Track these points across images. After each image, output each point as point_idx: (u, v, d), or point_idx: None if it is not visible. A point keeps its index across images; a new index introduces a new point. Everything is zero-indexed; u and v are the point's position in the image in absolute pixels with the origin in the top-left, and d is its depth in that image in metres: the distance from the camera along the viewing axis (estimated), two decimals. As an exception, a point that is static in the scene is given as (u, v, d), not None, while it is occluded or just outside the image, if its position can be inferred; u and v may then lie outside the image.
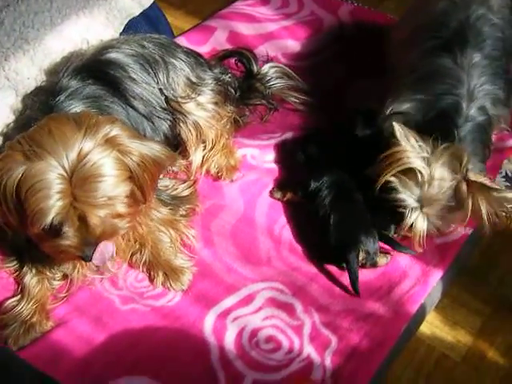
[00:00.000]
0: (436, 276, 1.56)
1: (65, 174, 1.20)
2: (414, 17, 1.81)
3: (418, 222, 1.46)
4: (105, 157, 1.23)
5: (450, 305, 1.61)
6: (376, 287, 1.54)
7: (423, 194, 1.44)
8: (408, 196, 1.45)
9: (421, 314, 1.52)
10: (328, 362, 1.41)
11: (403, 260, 1.59)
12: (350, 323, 1.47)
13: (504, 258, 1.70)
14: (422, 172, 1.43)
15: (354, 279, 1.50)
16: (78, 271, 1.50)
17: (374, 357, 1.42)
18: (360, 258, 1.50)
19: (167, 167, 1.45)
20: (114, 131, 1.26)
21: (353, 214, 1.55)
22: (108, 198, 1.24)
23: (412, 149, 1.43)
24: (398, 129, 1.43)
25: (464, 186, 1.41)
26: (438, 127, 1.48)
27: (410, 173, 1.45)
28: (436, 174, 1.42)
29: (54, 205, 1.20)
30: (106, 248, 1.31)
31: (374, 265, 1.54)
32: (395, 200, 1.46)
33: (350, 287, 1.53)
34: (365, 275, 1.54)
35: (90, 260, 1.31)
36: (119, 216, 1.29)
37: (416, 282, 1.55)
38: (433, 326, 1.58)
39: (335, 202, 1.57)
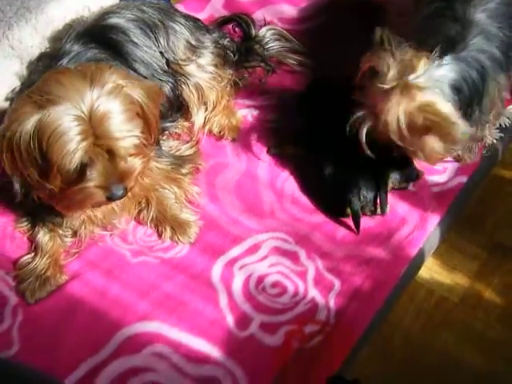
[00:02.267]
0: (433, 221, 1.62)
1: (82, 115, 1.25)
2: None
3: (365, 121, 1.43)
4: (116, 95, 1.29)
5: (447, 250, 1.67)
6: (376, 233, 1.60)
7: (374, 97, 1.42)
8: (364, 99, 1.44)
9: (420, 258, 1.58)
10: (332, 303, 1.47)
11: (401, 207, 1.64)
12: (352, 267, 1.54)
13: (499, 205, 1.76)
14: (379, 74, 1.41)
15: (356, 218, 1.55)
16: (86, 227, 1.56)
17: (375, 297, 1.48)
18: (360, 203, 1.55)
19: (162, 98, 1.51)
20: (116, 73, 1.33)
21: (352, 161, 1.60)
22: (127, 131, 1.29)
23: (384, 52, 1.41)
24: (378, 32, 1.44)
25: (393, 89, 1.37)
26: None
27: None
28: (387, 79, 1.40)
29: (79, 145, 1.24)
30: None
31: (373, 212, 1.60)
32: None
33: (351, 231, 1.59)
34: (365, 222, 1.60)
35: (119, 199, 1.36)
36: (135, 154, 1.35)
37: (414, 227, 1.60)
38: (431, 270, 1.64)
39: (336, 149, 1.62)
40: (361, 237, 1.59)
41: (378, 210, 1.61)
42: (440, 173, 1.71)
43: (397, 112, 1.38)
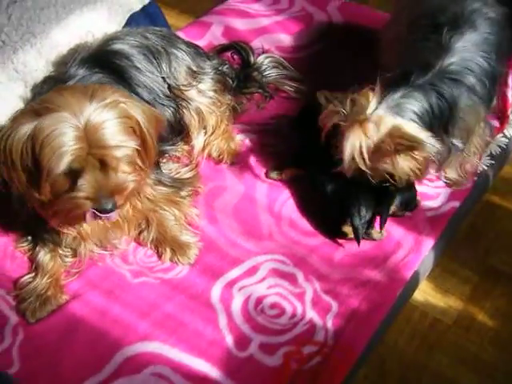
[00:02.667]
0: (428, 245, 1.66)
1: (78, 124, 1.27)
2: (409, 11, 1.85)
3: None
4: (112, 107, 1.32)
5: (440, 274, 1.72)
6: (372, 256, 1.63)
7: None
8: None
9: (415, 280, 1.62)
10: (329, 324, 1.49)
11: (396, 232, 1.68)
12: (349, 289, 1.56)
13: (490, 230, 1.81)
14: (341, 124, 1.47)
15: (356, 232, 1.58)
16: (84, 246, 1.57)
17: (372, 318, 1.51)
18: (362, 214, 1.58)
19: (162, 125, 1.52)
20: (118, 92, 1.37)
21: (353, 181, 1.63)
22: (120, 141, 1.31)
23: (333, 107, 1.48)
24: (322, 96, 1.51)
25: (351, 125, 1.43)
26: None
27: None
28: (348, 120, 1.46)
29: (70, 149, 1.25)
30: None
31: (368, 235, 1.63)
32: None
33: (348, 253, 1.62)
34: (361, 246, 1.63)
35: (107, 213, 1.35)
36: (128, 171, 1.37)
37: (410, 251, 1.64)
38: (425, 293, 1.69)
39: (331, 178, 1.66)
40: (357, 259, 1.63)
41: (374, 235, 1.64)
42: (433, 198, 1.75)
43: (358, 143, 1.43)
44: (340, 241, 1.65)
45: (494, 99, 1.73)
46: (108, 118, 1.31)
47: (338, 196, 1.63)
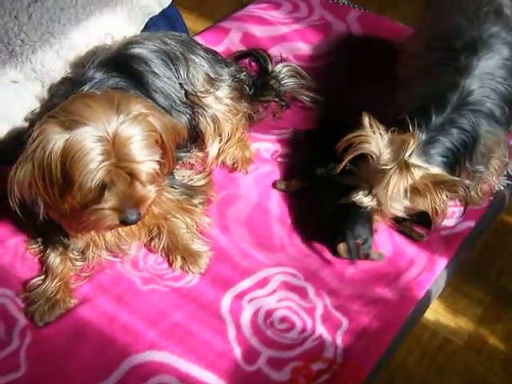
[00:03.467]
0: (441, 264, 1.64)
1: (107, 137, 1.28)
2: (427, 30, 1.85)
3: (364, 200, 1.52)
4: (139, 122, 1.33)
5: (452, 294, 1.69)
6: (384, 273, 1.62)
7: (372, 177, 1.51)
8: (359, 177, 1.54)
9: (427, 300, 1.60)
10: (339, 341, 1.48)
11: (410, 249, 1.67)
12: (359, 306, 1.55)
13: (503, 251, 1.79)
14: (372, 156, 1.50)
15: (350, 250, 1.57)
16: (93, 251, 1.57)
17: (382, 337, 1.49)
18: (356, 235, 1.56)
19: (182, 137, 1.53)
20: (141, 103, 1.38)
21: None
22: (147, 155, 1.33)
23: (373, 135, 1.50)
24: (366, 118, 1.51)
25: (393, 167, 1.46)
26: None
27: (365, 158, 1.53)
28: (383, 158, 1.49)
29: (101, 164, 1.27)
30: None
31: (367, 257, 1.60)
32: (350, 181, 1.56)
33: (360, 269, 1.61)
34: (373, 262, 1.62)
35: (133, 223, 1.38)
36: (150, 181, 1.38)
37: (423, 269, 1.63)
38: (437, 313, 1.66)
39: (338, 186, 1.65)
40: (369, 276, 1.61)
41: (373, 256, 1.61)
42: (448, 217, 1.73)
43: (399, 187, 1.47)
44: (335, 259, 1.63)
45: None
46: (135, 132, 1.32)
47: (337, 214, 1.61)
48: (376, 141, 1.50)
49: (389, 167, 1.47)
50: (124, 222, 1.38)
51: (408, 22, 2.32)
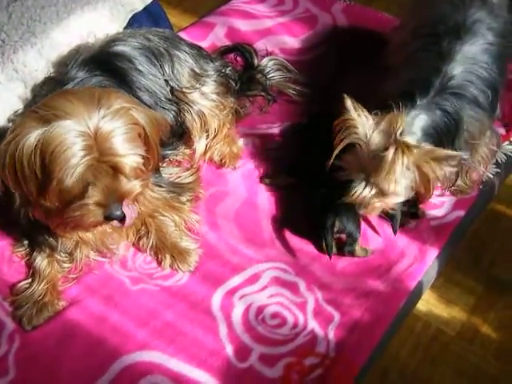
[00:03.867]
0: (432, 255, 1.64)
1: (88, 131, 1.26)
2: (413, 19, 1.85)
3: (364, 192, 1.47)
4: (121, 115, 1.31)
5: (444, 284, 1.68)
6: (375, 266, 1.61)
7: (366, 165, 1.47)
8: (350, 171, 1.50)
9: (418, 291, 1.60)
10: (331, 335, 1.47)
11: (400, 240, 1.66)
12: (351, 300, 1.54)
13: (495, 240, 1.78)
14: (361, 144, 1.46)
15: (327, 245, 1.56)
16: (81, 251, 1.55)
17: (375, 330, 1.49)
18: (335, 229, 1.56)
19: (165, 130, 1.51)
20: (122, 97, 1.36)
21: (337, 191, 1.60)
22: (130, 149, 1.31)
23: (358, 118, 1.47)
24: (348, 101, 1.49)
25: (391, 150, 1.41)
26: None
27: (352, 148, 1.49)
28: (372, 142, 1.45)
29: (82, 160, 1.25)
30: (131, 209, 1.38)
31: (352, 253, 1.60)
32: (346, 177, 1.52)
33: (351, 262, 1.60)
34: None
35: (118, 219, 1.35)
36: (135, 176, 1.36)
37: (414, 260, 1.62)
38: (429, 303, 1.65)
39: (321, 180, 1.64)
40: (360, 268, 1.61)
41: (357, 252, 1.60)
42: (438, 207, 1.73)
43: (402, 169, 1.41)
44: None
45: (497, 108, 1.70)
46: (117, 125, 1.30)
47: (324, 208, 1.59)
48: (362, 124, 1.46)
49: (385, 151, 1.42)
50: (109, 218, 1.35)
51: (393, 12, 2.31)
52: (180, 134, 1.78)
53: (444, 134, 1.52)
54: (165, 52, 1.72)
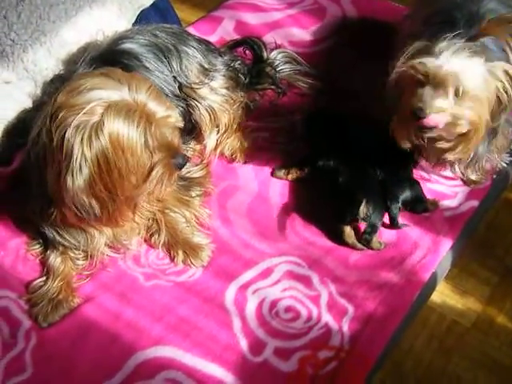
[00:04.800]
0: (446, 246, 1.62)
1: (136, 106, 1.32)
2: (423, 9, 1.82)
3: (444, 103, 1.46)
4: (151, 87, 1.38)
5: (459, 274, 1.68)
6: (388, 258, 1.60)
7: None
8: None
9: (432, 282, 1.58)
10: (345, 328, 1.47)
11: (413, 232, 1.65)
12: (365, 292, 1.53)
13: (510, 230, 1.77)
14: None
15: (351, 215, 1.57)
16: (95, 247, 1.55)
17: (389, 322, 1.48)
18: (362, 215, 1.55)
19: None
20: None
21: (364, 180, 1.63)
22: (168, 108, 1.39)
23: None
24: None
25: None
26: None
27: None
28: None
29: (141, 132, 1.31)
30: None
31: (368, 242, 1.58)
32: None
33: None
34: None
35: (183, 166, 1.43)
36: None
37: (427, 251, 1.60)
38: (443, 295, 1.65)
39: (347, 170, 1.65)
40: (373, 261, 1.60)
41: (373, 244, 1.59)
42: (451, 197, 1.71)
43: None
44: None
45: None
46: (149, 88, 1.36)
47: (347, 195, 1.60)
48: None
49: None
50: (181, 166, 1.42)
51: (403, 1, 2.29)
52: (189, 130, 1.77)
53: None
54: (173, 48, 1.72)
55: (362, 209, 1.56)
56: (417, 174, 1.74)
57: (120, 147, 1.31)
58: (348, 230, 1.59)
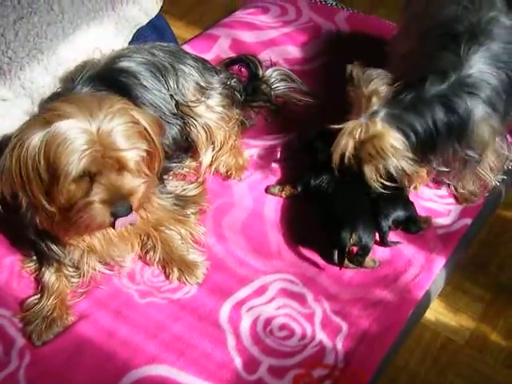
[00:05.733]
0: (439, 264, 1.63)
1: (90, 128, 1.29)
2: (417, 26, 1.82)
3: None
4: (122, 114, 1.34)
5: (452, 292, 1.69)
6: (382, 276, 1.61)
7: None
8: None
9: (426, 300, 1.59)
10: (340, 346, 1.47)
11: (407, 250, 1.66)
12: (359, 310, 1.54)
13: (502, 247, 1.78)
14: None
15: (341, 252, 1.56)
16: (87, 262, 1.55)
17: (383, 340, 1.48)
18: (351, 242, 1.55)
19: (164, 128, 1.56)
20: (122, 100, 1.39)
21: (353, 204, 1.62)
22: (132, 144, 1.33)
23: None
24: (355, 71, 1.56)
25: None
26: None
27: None
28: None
29: (87, 152, 1.27)
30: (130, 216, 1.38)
31: (361, 263, 1.58)
32: None
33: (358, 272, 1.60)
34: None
35: (124, 216, 1.34)
36: (139, 173, 1.37)
37: (421, 269, 1.61)
38: (437, 312, 1.66)
39: (336, 192, 1.66)
40: (367, 278, 1.61)
41: (367, 263, 1.60)
42: (444, 215, 1.73)
43: (345, 141, 1.51)
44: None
45: (510, 112, 1.69)
46: (118, 123, 1.32)
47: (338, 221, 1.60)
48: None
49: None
50: (115, 215, 1.33)
51: (396, 19, 2.31)
52: (185, 148, 1.79)
53: (441, 134, 1.52)
54: (169, 66, 1.74)
55: (353, 236, 1.56)
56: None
57: (52, 158, 1.29)
58: (343, 253, 1.59)
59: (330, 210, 1.64)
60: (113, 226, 1.36)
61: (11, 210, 1.48)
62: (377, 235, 1.61)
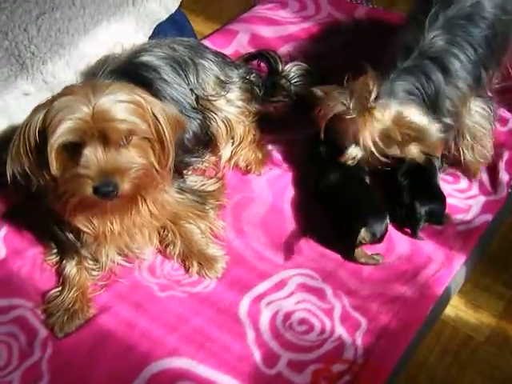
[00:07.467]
0: (460, 260, 1.62)
1: (88, 104, 1.30)
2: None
3: (354, 150, 1.58)
4: (126, 95, 1.35)
5: (472, 289, 1.67)
6: (402, 271, 1.60)
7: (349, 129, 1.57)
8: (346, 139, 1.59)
9: (446, 296, 1.59)
10: (359, 341, 1.47)
11: (427, 246, 1.65)
12: (378, 306, 1.54)
13: (523, 243, 1.76)
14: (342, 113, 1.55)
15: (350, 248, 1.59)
16: (106, 254, 1.57)
17: (402, 336, 1.48)
18: (362, 236, 1.56)
19: (183, 127, 1.53)
20: (138, 90, 1.40)
21: (361, 200, 1.65)
22: (123, 117, 1.32)
23: (330, 100, 1.57)
24: (317, 90, 1.62)
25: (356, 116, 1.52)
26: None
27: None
28: (352, 110, 1.54)
29: (72, 121, 1.28)
30: None
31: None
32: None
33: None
34: (391, 259, 1.62)
35: (108, 195, 1.30)
36: (136, 154, 1.36)
37: (441, 265, 1.61)
38: (457, 309, 1.64)
39: (343, 189, 1.68)
40: (387, 274, 1.60)
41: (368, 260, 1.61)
42: (465, 211, 1.72)
43: (369, 133, 1.52)
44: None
45: (483, 80, 1.70)
46: (118, 99, 1.33)
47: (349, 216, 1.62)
48: (337, 101, 1.55)
49: (354, 114, 1.52)
50: (97, 192, 1.29)
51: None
52: (206, 142, 1.80)
53: (427, 96, 1.57)
54: (190, 61, 1.75)
55: (364, 235, 1.57)
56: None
57: (48, 128, 1.30)
58: (358, 251, 1.60)
59: (340, 213, 1.65)
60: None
61: (34, 201, 1.50)
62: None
